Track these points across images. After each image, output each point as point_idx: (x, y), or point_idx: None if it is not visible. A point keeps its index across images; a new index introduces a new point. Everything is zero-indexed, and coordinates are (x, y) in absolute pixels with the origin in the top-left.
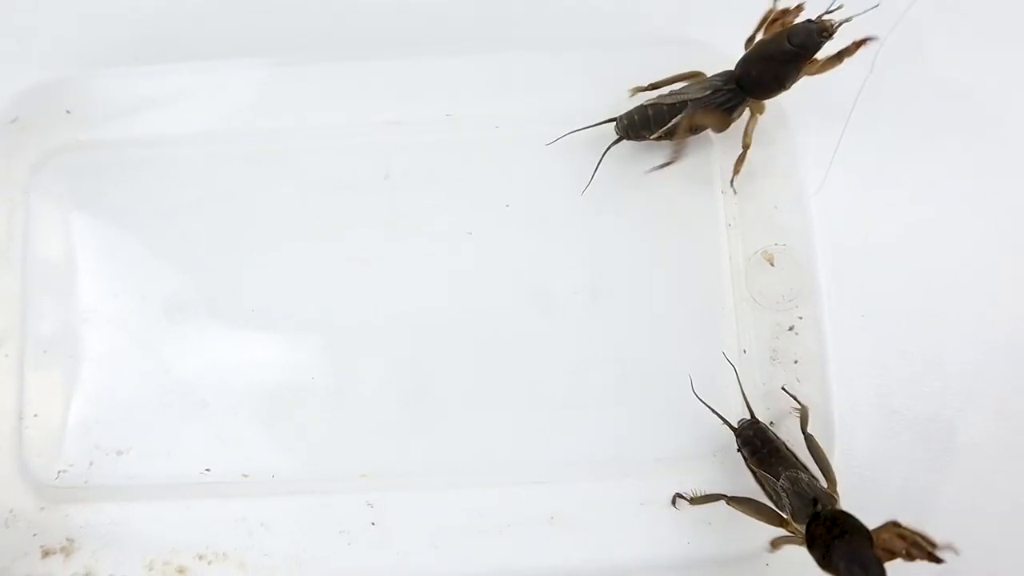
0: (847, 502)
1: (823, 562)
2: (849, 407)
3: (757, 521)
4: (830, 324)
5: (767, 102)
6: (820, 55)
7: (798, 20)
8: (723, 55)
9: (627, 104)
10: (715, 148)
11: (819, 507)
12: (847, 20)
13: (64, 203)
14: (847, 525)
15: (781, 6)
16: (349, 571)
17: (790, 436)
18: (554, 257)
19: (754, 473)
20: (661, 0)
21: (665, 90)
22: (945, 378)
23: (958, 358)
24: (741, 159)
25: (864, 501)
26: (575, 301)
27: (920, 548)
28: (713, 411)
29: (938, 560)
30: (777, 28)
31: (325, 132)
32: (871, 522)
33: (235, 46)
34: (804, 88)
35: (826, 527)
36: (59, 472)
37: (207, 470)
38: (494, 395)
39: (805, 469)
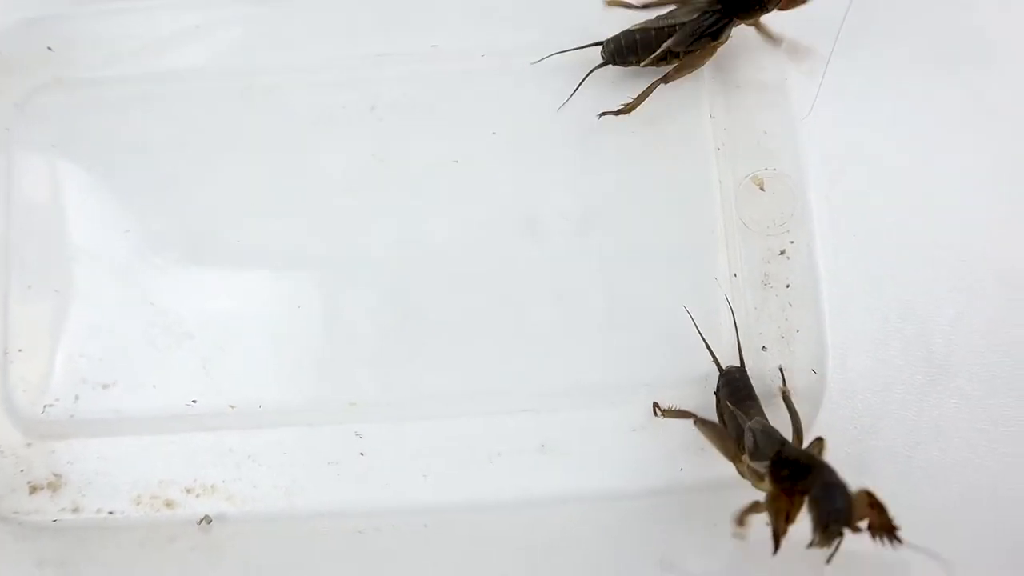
0: (841, 427)
1: (788, 492)
2: (842, 330)
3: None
4: (822, 248)
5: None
6: None
7: None
8: None
9: (614, 30)
10: (703, 72)
11: (785, 448)
12: None
13: (48, 140)
14: (814, 461)
15: None
16: (338, 502)
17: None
18: (542, 184)
19: (723, 412)
20: None
21: (652, 14)
22: (938, 301)
23: (947, 283)
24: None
25: (858, 423)
26: (563, 228)
27: (885, 518)
28: (707, 347)
29: (898, 539)
30: None
31: (310, 66)
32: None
33: None
34: (792, 11)
35: (793, 462)
36: (45, 407)
37: (193, 402)
38: (482, 324)
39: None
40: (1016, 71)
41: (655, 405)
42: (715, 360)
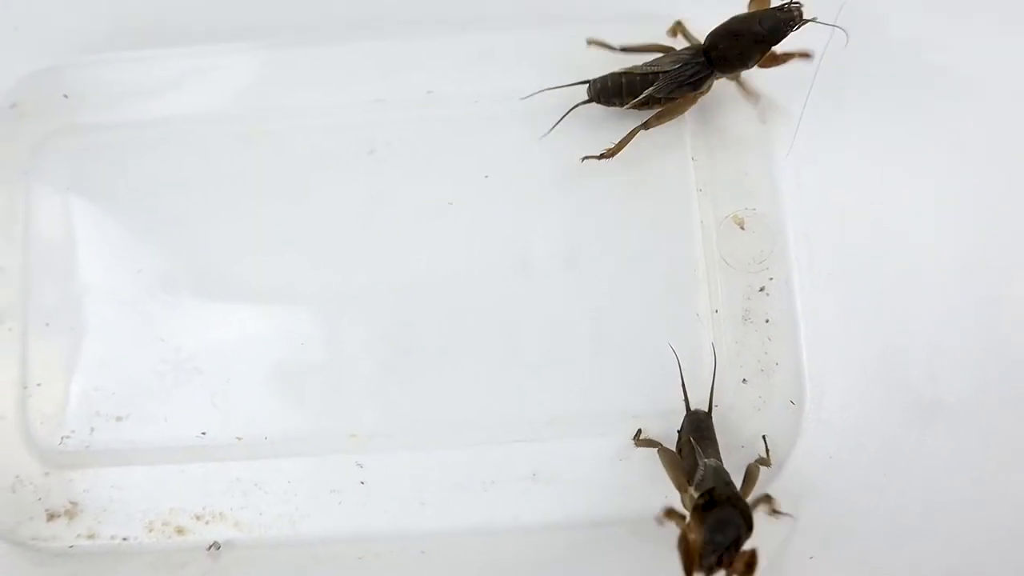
0: (819, 456)
1: (698, 520)
2: (819, 363)
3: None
4: (799, 285)
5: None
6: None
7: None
8: (692, 31)
9: (600, 73)
10: (685, 116)
11: (723, 488)
12: (812, 20)
13: (63, 183)
14: (738, 505)
15: None
16: (340, 529)
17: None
18: (532, 224)
19: (683, 448)
20: None
21: (638, 61)
22: (911, 337)
23: (923, 317)
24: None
25: (835, 452)
26: (552, 265)
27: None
28: (683, 386)
29: None
30: (755, 7)
31: (313, 111)
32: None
33: (225, 31)
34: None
35: (722, 497)
36: (62, 438)
37: (203, 434)
38: (475, 358)
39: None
40: (983, 107)
41: (638, 432)
42: (685, 399)
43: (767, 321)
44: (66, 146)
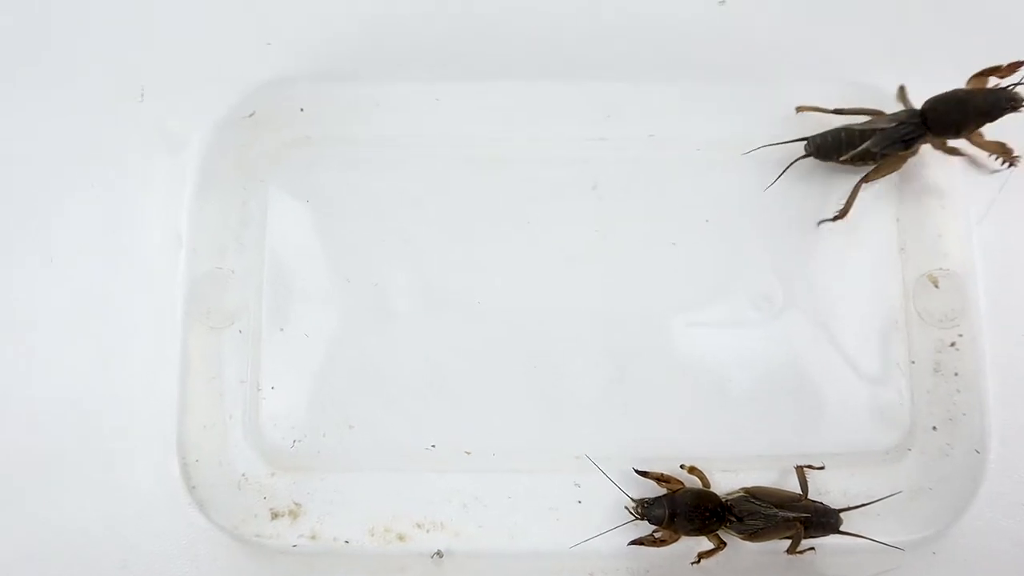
0: (1001, 500)
1: None
2: (1003, 416)
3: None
4: (989, 342)
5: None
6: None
7: (1005, 81)
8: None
9: (811, 125)
10: (892, 179)
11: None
12: None
13: (296, 193)
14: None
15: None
16: (556, 544)
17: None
18: (747, 268)
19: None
20: (848, 49)
21: (843, 120)
22: None
23: None
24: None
25: (1016, 499)
26: (765, 309)
27: None
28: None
29: None
30: (983, 81)
31: (537, 144)
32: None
33: (457, 66)
34: None
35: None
36: (294, 442)
37: (433, 446)
38: (688, 388)
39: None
40: None
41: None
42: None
43: (956, 374)
44: (301, 157)
